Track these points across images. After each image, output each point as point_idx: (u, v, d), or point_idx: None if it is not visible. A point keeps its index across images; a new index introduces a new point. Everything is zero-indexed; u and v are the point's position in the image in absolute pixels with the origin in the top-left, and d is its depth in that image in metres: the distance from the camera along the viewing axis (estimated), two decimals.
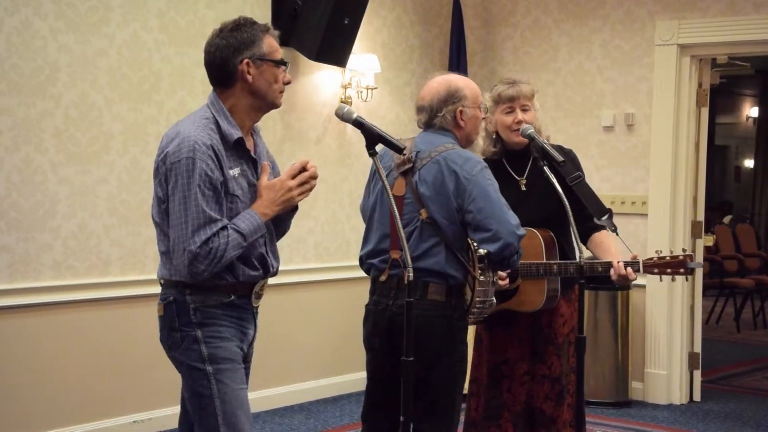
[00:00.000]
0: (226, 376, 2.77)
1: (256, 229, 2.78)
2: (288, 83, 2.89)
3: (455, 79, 3.34)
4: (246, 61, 2.78)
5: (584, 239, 3.69)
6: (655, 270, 3.57)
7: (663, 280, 3.70)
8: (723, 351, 8.38)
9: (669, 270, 3.56)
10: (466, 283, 3.25)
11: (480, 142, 3.58)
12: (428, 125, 3.33)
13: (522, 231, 3.18)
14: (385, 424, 3.29)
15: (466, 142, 3.35)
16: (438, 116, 3.29)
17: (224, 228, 2.71)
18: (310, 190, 2.88)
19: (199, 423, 2.80)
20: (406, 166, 3.25)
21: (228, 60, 2.79)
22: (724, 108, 14.66)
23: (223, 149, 2.76)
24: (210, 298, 2.78)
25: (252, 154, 2.87)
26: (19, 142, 4.58)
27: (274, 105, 2.89)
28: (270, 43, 2.84)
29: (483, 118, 3.43)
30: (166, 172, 2.74)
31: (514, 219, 3.16)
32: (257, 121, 2.92)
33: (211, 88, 2.90)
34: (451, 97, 3.28)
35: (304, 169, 2.86)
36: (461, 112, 3.29)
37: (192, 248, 2.67)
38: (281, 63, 2.85)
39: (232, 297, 2.81)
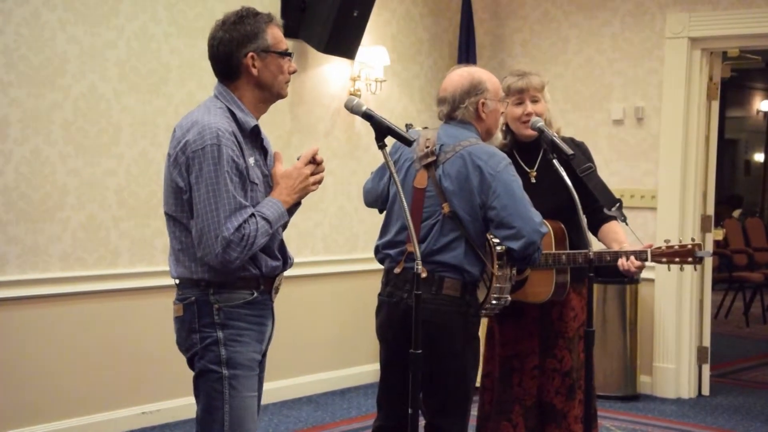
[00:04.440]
0: (240, 383, 2.73)
1: (280, 216, 2.75)
2: (293, 72, 2.85)
3: (478, 72, 3.32)
4: (251, 54, 2.75)
5: (595, 231, 3.69)
6: (663, 259, 3.55)
7: (671, 269, 3.68)
8: (732, 345, 8.36)
9: (677, 259, 3.54)
10: (482, 280, 3.25)
11: (498, 134, 3.56)
12: (450, 117, 3.31)
13: (545, 229, 3.18)
14: (399, 412, 3.30)
15: (487, 135, 3.34)
16: (460, 108, 3.27)
17: (252, 215, 2.67)
18: (322, 179, 2.87)
19: (203, 425, 2.76)
20: (429, 159, 3.24)
21: (232, 54, 2.75)
22: (734, 101, 14.60)
23: (241, 137, 2.73)
24: (234, 296, 2.73)
25: (264, 143, 2.86)
26: (28, 133, 4.59)
27: (280, 96, 2.85)
28: (274, 34, 2.80)
29: (502, 112, 3.43)
30: (187, 161, 2.67)
31: (537, 216, 3.16)
32: (264, 112, 2.88)
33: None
34: (474, 89, 3.27)
35: (314, 158, 2.84)
36: (483, 104, 3.28)
37: (225, 234, 2.61)
38: (286, 54, 2.81)
39: (255, 294, 2.76)
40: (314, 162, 2.84)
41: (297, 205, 2.91)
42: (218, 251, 2.62)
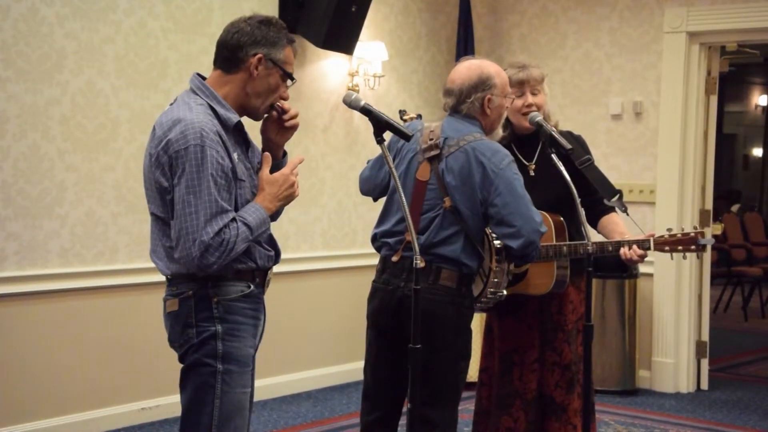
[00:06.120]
0: (233, 378, 2.71)
1: (262, 223, 2.72)
2: (285, 99, 2.82)
3: (487, 66, 3.30)
4: (260, 56, 2.71)
5: (595, 223, 3.68)
6: (666, 248, 3.55)
7: (672, 262, 3.68)
8: (730, 340, 8.37)
9: (680, 247, 3.54)
10: (479, 273, 3.25)
11: (499, 130, 3.55)
12: (455, 110, 3.31)
13: (544, 228, 3.18)
14: (386, 402, 3.30)
15: (490, 130, 3.34)
16: (466, 102, 3.26)
17: (234, 220, 2.64)
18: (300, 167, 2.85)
19: (189, 418, 2.73)
20: (433, 152, 3.23)
21: (243, 47, 2.72)
22: (732, 96, 14.60)
23: (225, 135, 2.70)
24: (232, 289, 2.71)
25: (247, 136, 2.82)
26: (26, 129, 4.58)
27: (254, 114, 2.80)
28: (288, 54, 2.77)
29: (507, 108, 3.42)
30: (170, 160, 2.62)
31: (537, 216, 3.16)
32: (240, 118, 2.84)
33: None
34: (482, 84, 3.25)
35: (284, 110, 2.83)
36: (489, 100, 3.26)
37: (204, 239, 2.57)
38: (290, 76, 2.79)
39: (252, 287, 2.75)
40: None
41: (279, 211, 2.87)
42: (196, 255, 2.58)
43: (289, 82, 2.81)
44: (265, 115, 2.85)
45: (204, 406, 2.70)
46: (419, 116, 3.52)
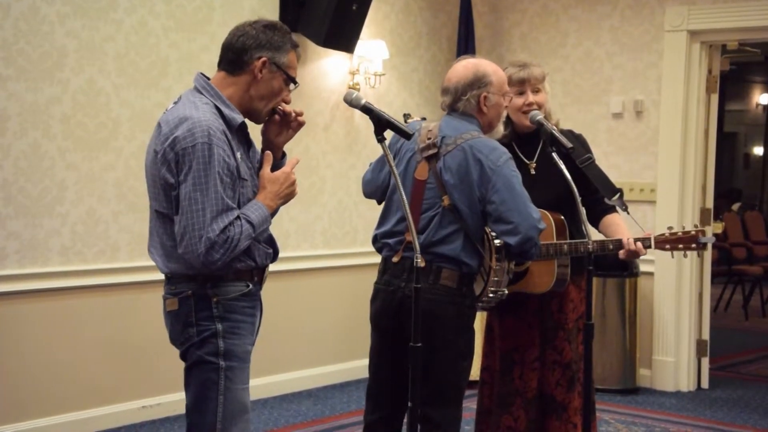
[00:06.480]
0: (235, 374, 2.75)
1: (264, 221, 2.75)
2: (287, 102, 2.86)
3: (483, 64, 3.31)
4: (264, 59, 2.75)
5: (596, 223, 3.68)
6: (667, 246, 3.55)
7: (673, 261, 3.68)
8: (731, 338, 8.37)
9: (681, 245, 3.54)
10: (480, 273, 3.25)
11: (500, 127, 3.55)
12: (452, 108, 3.31)
13: (543, 225, 3.18)
14: (389, 402, 3.30)
15: (488, 128, 3.34)
16: (462, 100, 3.27)
17: (238, 217, 2.67)
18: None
19: (194, 415, 2.76)
20: (431, 151, 3.24)
21: (248, 49, 2.76)
22: (733, 95, 14.59)
23: (229, 134, 2.73)
24: (231, 289, 2.74)
25: (250, 138, 2.86)
26: (26, 127, 4.59)
27: (256, 116, 2.84)
28: (292, 59, 2.82)
29: (506, 106, 3.42)
30: (176, 157, 2.65)
31: (535, 213, 3.16)
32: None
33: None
34: (478, 82, 3.26)
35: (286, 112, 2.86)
36: (485, 98, 3.27)
37: (211, 235, 2.60)
38: (293, 80, 2.82)
39: (250, 286, 2.78)
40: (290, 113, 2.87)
41: (276, 209, 2.90)
42: (201, 251, 2.61)
43: (291, 86, 2.84)
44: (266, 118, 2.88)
45: (208, 403, 2.73)
46: (423, 119, 3.52)
